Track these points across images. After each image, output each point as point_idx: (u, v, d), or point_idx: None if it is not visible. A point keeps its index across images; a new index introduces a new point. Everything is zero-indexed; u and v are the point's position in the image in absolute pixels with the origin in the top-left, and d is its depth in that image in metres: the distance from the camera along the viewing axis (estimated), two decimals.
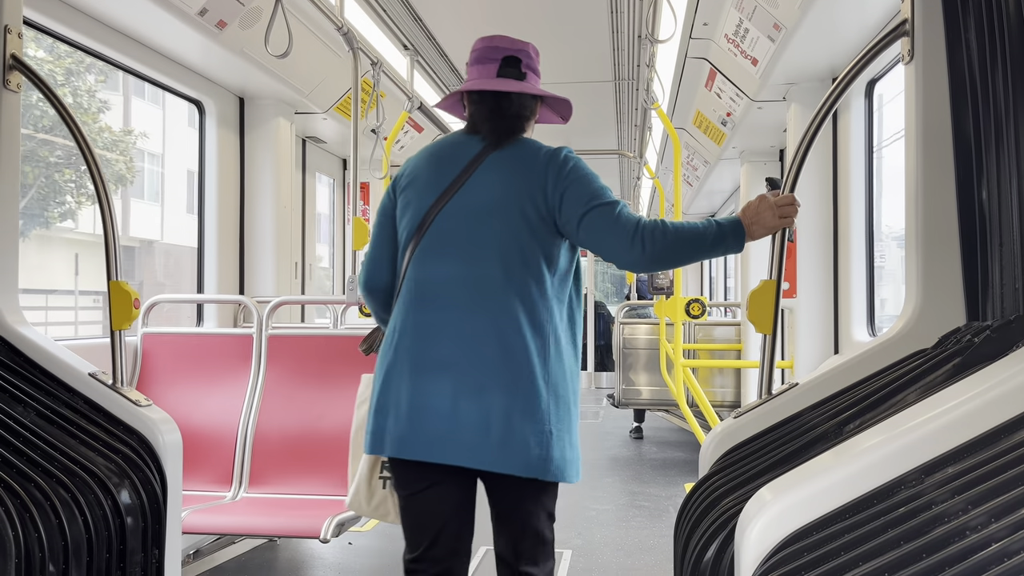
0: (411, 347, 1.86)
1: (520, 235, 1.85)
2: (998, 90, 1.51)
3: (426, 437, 1.81)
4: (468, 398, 1.80)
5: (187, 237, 5.45)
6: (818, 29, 3.35)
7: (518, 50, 1.99)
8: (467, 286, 1.84)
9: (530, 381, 1.81)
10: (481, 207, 1.86)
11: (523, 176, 1.87)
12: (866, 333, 3.92)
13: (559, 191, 1.85)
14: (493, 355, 1.81)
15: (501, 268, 1.84)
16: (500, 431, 1.78)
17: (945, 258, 1.76)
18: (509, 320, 1.82)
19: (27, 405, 1.93)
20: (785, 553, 1.17)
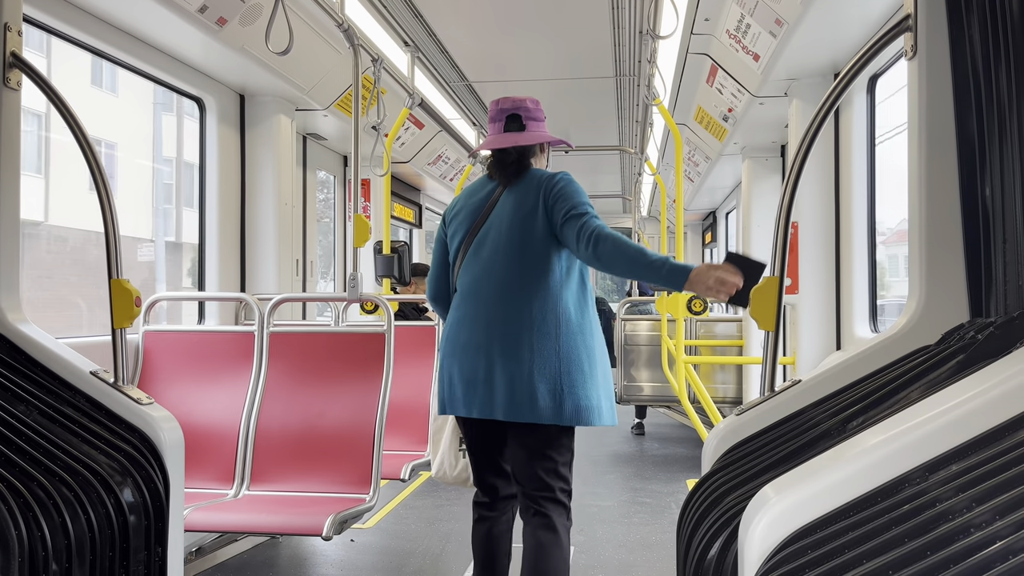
0: (459, 334, 2.47)
1: (531, 244, 2.41)
2: (1001, 86, 1.51)
3: (474, 399, 2.40)
4: (499, 369, 2.36)
5: (89, 219, 5.17)
6: (820, 24, 3.34)
7: (517, 107, 2.55)
8: (494, 286, 2.43)
9: (543, 353, 2.34)
10: (502, 227, 2.45)
11: (530, 201, 2.44)
12: (868, 329, 3.92)
13: (550, 204, 2.40)
14: (515, 335, 2.36)
15: (518, 270, 2.40)
16: (523, 392, 2.32)
17: (948, 254, 1.75)
18: (526, 308, 2.37)
19: (29, 404, 1.93)
20: (789, 551, 1.17)
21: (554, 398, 2.32)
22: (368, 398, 3.29)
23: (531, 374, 2.32)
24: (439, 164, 7.35)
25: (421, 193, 8.43)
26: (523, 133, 2.52)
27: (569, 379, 2.33)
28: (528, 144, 2.53)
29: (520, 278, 2.39)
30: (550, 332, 2.35)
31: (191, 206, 6.85)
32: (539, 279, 2.39)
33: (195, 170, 4.39)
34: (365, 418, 3.26)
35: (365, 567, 3.72)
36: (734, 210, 8.55)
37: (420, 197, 8.42)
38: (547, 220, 2.39)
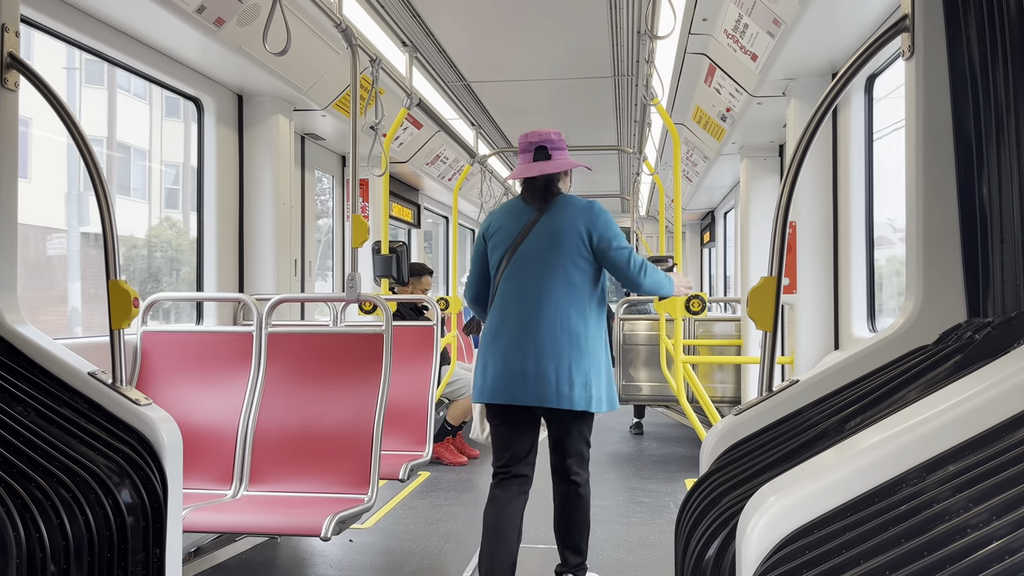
0: (502, 335, 2.93)
1: (567, 261, 2.90)
2: (999, 85, 1.51)
3: (511, 389, 2.88)
4: (543, 366, 2.83)
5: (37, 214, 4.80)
6: (818, 24, 3.34)
7: (543, 140, 3.01)
8: (536, 295, 2.89)
9: (573, 353, 2.85)
10: (543, 245, 2.92)
11: (569, 224, 2.92)
12: (866, 329, 3.92)
13: (595, 232, 2.93)
14: (551, 337, 2.85)
15: (557, 282, 2.88)
16: (555, 383, 2.82)
17: (946, 254, 1.75)
18: (565, 316, 2.87)
19: (27, 405, 1.93)
20: (786, 551, 1.17)
21: (585, 390, 2.86)
22: (367, 398, 3.29)
23: (570, 371, 2.84)
24: (437, 164, 7.35)
25: (419, 193, 8.42)
26: (550, 162, 2.98)
27: (596, 375, 2.89)
28: (554, 172, 2.99)
29: (559, 289, 2.88)
30: (581, 337, 2.87)
31: (126, 193, 6.50)
32: (574, 291, 2.89)
33: (131, 149, 4.24)
34: (364, 418, 3.25)
35: (364, 567, 3.72)
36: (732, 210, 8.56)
37: (418, 197, 8.42)
38: (586, 243, 2.91)
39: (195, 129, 4.37)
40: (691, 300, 4.34)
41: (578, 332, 2.86)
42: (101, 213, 2.15)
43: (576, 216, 2.92)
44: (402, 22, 4.62)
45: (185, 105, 4.35)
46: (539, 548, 3.96)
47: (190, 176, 4.55)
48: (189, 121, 4.42)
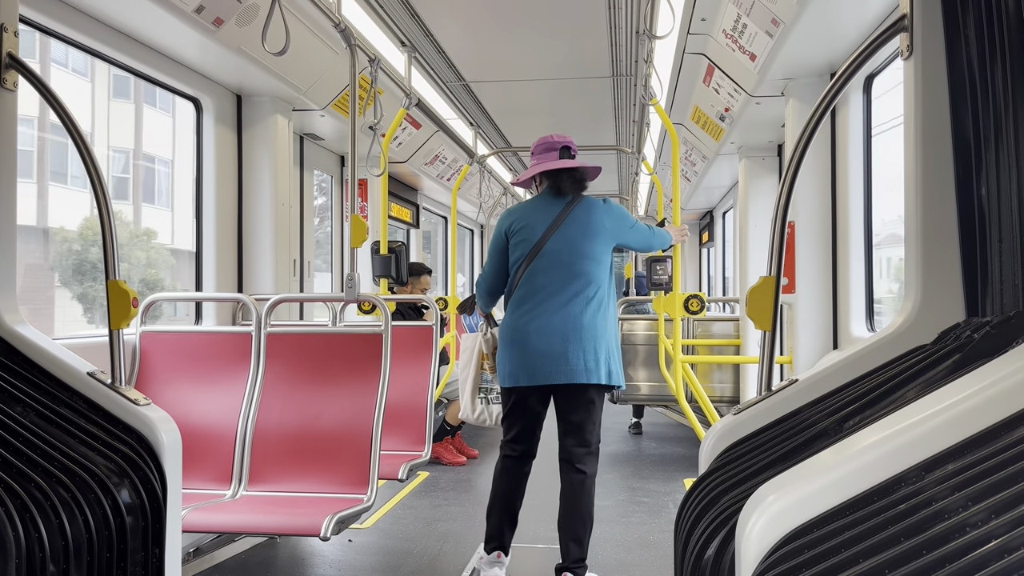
0: (532, 320, 3.19)
1: (595, 251, 3.21)
2: (997, 85, 1.51)
3: (543, 370, 3.16)
4: (573, 346, 3.14)
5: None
6: (816, 24, 3.34)
7: (567, 142, 3.32)
8: (565, 285, 3.19)
9: (598, 335, 3.17)
10: (574, 237, 3.20)
11: (598, 221, 3.23)
12: (865, 328, 3.93)
13: (616, 225, 3.28)
14: (576, 322, 3.15)
15: (583, 273, 3.19)
16: (583, 362, 3.14)
17: (944, 254, 1.75)
18: (593, 300, 3.19)
19: (26, 405, 1.93)
20: (786, 550, 1.17)
21: (607, 366, 3.19)
22: (366, 398, 3.29)
23: (596, 351, 3.15)
24: (436, 164, 7.35)
25: (418, 193, 8.43)
26: (579, 162, 3.31)
27: (616, 353, 3.25)
28: (587, 167, 3.33)
29: (585, 280, 3.18)
30: (604, 318, 3.21)
31: (62, 180, 6.18)
32: (599, 278, 3.21)
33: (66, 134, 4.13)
34: (363, 418, 3.25)
35: (363, 567, 3.72)
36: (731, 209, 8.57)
37: (417, 197, 8.42)
38: (609, 234, 3.24)
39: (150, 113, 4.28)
40: (690, 300, 4.34)
41: (601, 315, 3.20)
42: (100, 213, 2.15)
43: (601, 214, 3.24)
44: (401, 22, 4.63)
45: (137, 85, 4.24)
46: (538, 548, 3.96)
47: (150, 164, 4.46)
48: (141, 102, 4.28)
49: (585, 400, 3.23)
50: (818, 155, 4.11)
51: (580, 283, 3.18)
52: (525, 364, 3.19)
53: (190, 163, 4.23)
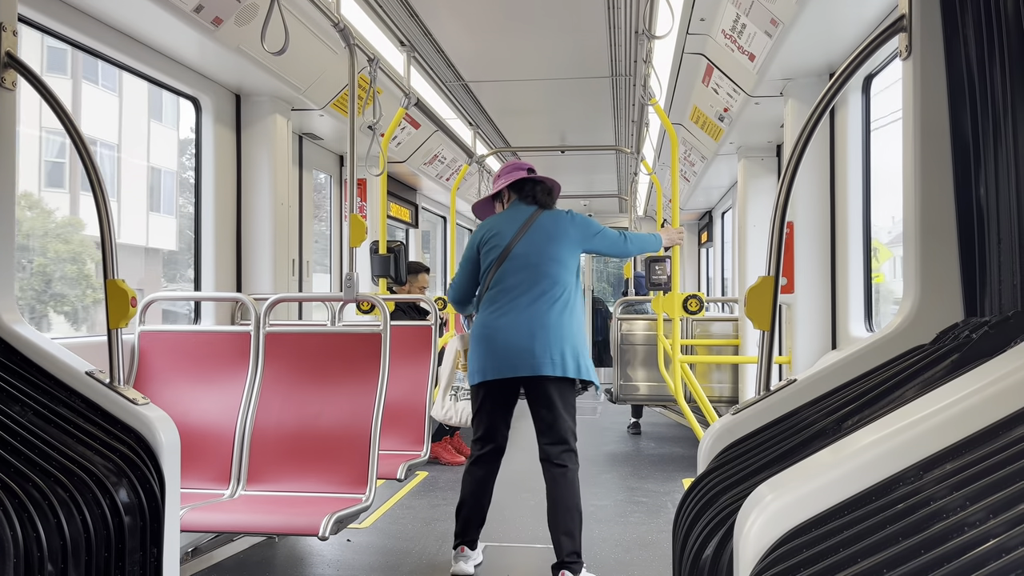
0: (500, 320, 3.35)
1: (560, 255, 3.38)
2: (996, 85, 1.51)
3: (511, 363, 3.29)
4: (540, 341, 3.27)
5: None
6: (815, 24, 3.35)
7: (531, 166, 3.60)
8: (532, 285, 3.35)
9: (564, 333, 3.30)
10: (541, 241, 3.39)
11: (561, 229, 3.42)
12: (863, 328, 3.93)
13: (579, 233, 3.44)
14: (542, 319, 3.30)
15: (549, 276, 3.35)
16: (549, 356, 3.26)
17: (943, 254, 1.76)
18: (559, 301, 3.34)
19: (24, 404, 1.93)
20: (784, 549, 1.17)
21: (576, 361, 3.31)
22: (364, 398, 3.29)
23: (562, 347, 3.28)
24: (435, 164, 7.35)
25: (417, 193, 8.42)
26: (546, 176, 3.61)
27: (583, 349, 3.36)
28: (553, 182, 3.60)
29: (554, 277, 3.35)
30: (570, 317, 3.34)
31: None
32: (564, 280, 3.37)
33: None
34: (361, 418, 3.25)
35: (362, 567, 3.72)
36: (730, 210, 8.57)
37: (416, 197, 8.42)
38: (574, 239, 3.41)
39: (91, 90, 4.12)
40: (689, 300, 4.34)
41: (568, 316, 3.34)
42: (99, 213, 2.15)
43: (566, 221, 3.44)
44: (400, 22, 4.62)
45: (75, 57, 4.03)
46: (536, 548, 3.96)
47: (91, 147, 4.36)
48: (79, 78, 4.07)
49: (553, 395, 3.32)
50: (817, 155, 4.11)
51: (546, 283, 3.34)
52: (492, 359, 3.32)
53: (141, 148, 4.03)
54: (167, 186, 5.20)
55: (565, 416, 3.35)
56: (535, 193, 3.50)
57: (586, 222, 3.50)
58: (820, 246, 4.16)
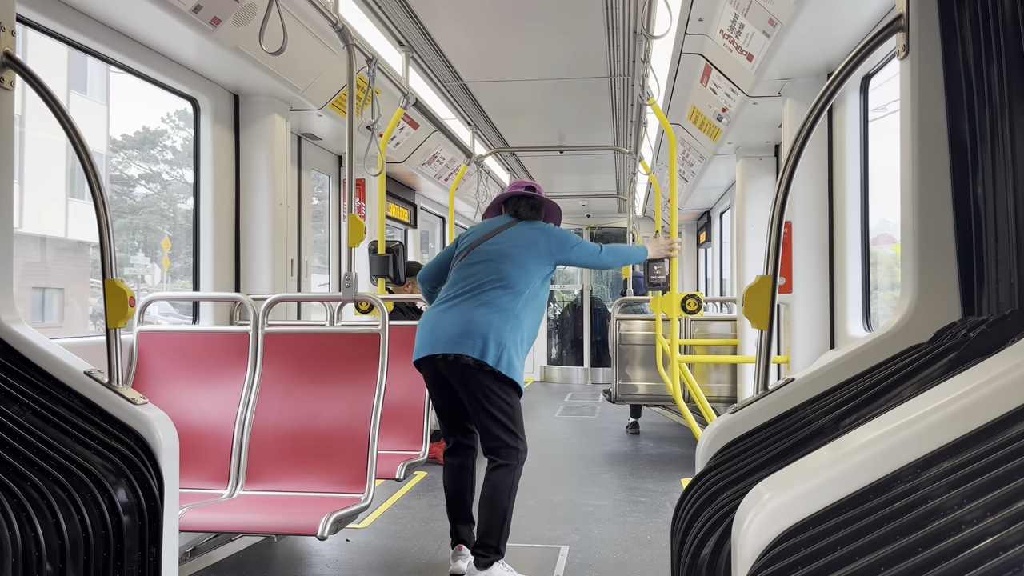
0: (446, 305, 3.40)
1: (523, 258, 3.43)
2: (993, 85, 1.51)
3: (439, 342, 3.30)
4: (463, 326, 3.27)
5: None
6: (813, 24, 3.35)
7: (530, 185, 3.69)
8: (482, 280, 3.38)
9: (499, 331, 3.28)
10: (506, 244, 3.48)
11: (532, 234, 3.51)
12: (861, 328, 3.93)
13: (554, 245, 3.49)
14: (484, 313, 3.31)
15: (503, 276, 3.40)
16: (475, 343, 3.25)
17: (941, 253, 1.76)
18: (493, 300, 3.35)
19: (23, 404, 1.93)
20: (782, 548, 1.18)
21: (504, 357, 3.27)
22: (363, 398, 3.29)
23: (496, 340, 3.26)
24: (434, 164, 7.35)
25: (416, 193, 8.42)
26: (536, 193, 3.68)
27: (516, 354, 3.32)
28: (544, 200, 3.68)
29: (507, 280, 3.38)
30: (515, 321, 3.34)
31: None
32: (519, 284, 3.40)
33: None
34: (360, 418, 3.26)
35: (360, 567, 3.71)
36: (728, 209, 8.57)
37: (415, 197, 8.42)
38: (543, 248, 3.46)
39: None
40: (687, 300, 4.35)
41: (513, 320, 3.34)
42: (97, 212, 2.15)
43: (539, 232, 3.51)
44: (399, 22, 4.62)
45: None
46: (536, 547, 3.97)
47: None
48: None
49: (481, 386, 3.28)
50: (815, 155, 4.12)
51: (496, 282, 3.37)
52: (422, 340, 3.36)
53: (52, 123, 3.90)
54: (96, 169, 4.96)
55: (489, 409, 3.30)
56: (518, 207, 3.61)
57: (563, 235, 3.54)
58: (818, 246, 4.17)
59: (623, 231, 12.46)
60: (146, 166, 4.41)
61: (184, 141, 4.48)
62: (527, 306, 3.42)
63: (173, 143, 4.49)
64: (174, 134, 4.42)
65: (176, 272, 4.64)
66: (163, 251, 4.42)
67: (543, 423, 8.12)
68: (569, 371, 12.66)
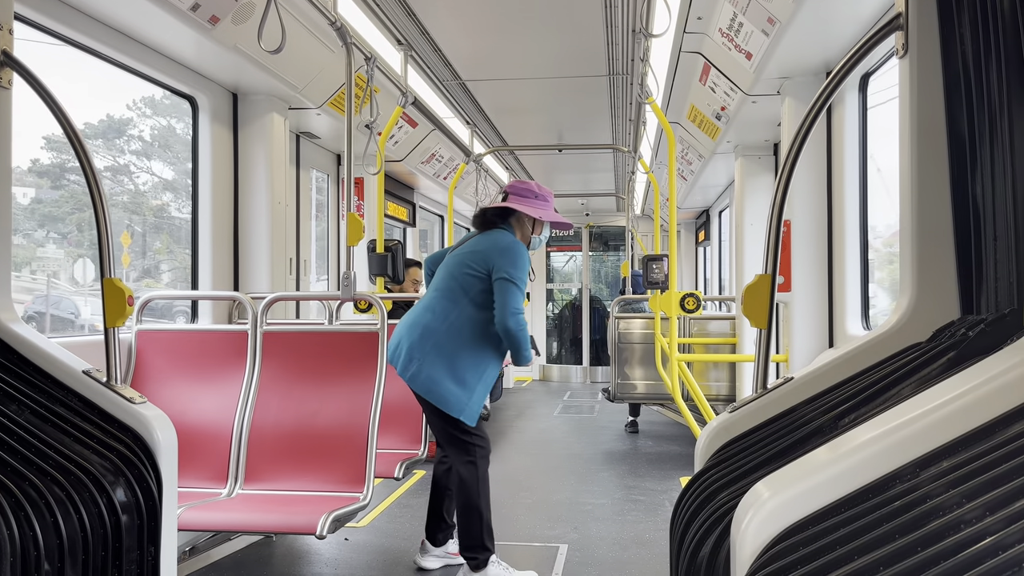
0: (408, 316, 3.45)
1: (458, 274, 3.37)
2: (992, 84, 1.51)
3: (392, 353, 3.39)
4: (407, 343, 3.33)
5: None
6: (812, 23, 3.35)
7: (508, 187, 3.59)
8: (437, 294, 3.40)
9: (424, 345, 3.30)
10: (458, 257, 3.44)
11: (477, 247, 3.41)
12: (860, 327, 3.93)
13: (493, 261, 3.33)
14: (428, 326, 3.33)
15: (448, 291, 3.38)
16: (407, 359, 3.31)
17: (939, 252, 1.76)
18: (444, 315, 3.34)
19: (21, 403, 1.92)
20: (781, 547, 1.17)
21: (420, 371, 3.27)
22: (362, 397, 3.29)
23: (423, 356, 3.28)
24: (433, 163, 7.35)
25: (415, 192, 8.42)
26: (503, 203, 3.52)
27: (451, 377, 3.28)
28: (496, 207, 3.54)
29: (451, 294, 3.36)
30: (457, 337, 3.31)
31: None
32: (456, 296, 3.35)
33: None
34: (359, 417, 3.25)
35: (359, 566, 3.71)
36: (727, 208, 8.57)
37: (414, 196, 8.42)
38: (483, 260, 3.33)
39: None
40: (686, 298, 4.35)
41: (455, 331, 3.31)
42: (95, 212, 2.15)
43: (488, 243, 3.40)
44: (397, 20, 4.62)
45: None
46: (535, 546, 3.97)
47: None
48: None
49: (421, 399, 3.36)
50: (814, 153, 4.12)
51: (443, 296, 3.37)
52: (392, 350, 3.43)
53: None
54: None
55: (435, 422, 3.36)
56: (484, 216, 3.56)
57: (506, 260, 3.31)
58: (817, 244, 4.17)
59: (622, 229, 12.47)
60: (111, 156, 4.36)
61: (151, 130, 4.44)
62: (465, 323, 3.32)
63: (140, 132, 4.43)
64: (140, 122, 4.36)
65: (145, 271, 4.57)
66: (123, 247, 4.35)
67: (542, 422, 8.12)
68: (568, 370, 12.67)
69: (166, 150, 4.69)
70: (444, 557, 3.66)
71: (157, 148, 4.62)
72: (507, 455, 6.35)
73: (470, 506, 3.32)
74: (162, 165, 4.76)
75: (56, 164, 3.79)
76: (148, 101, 4.42)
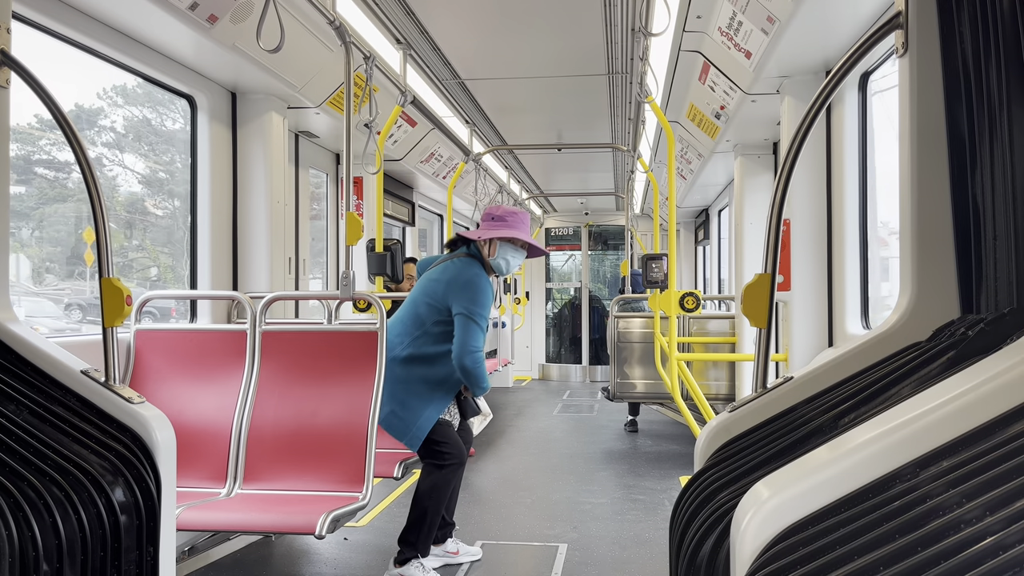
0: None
1: (423, 306, 3.48)
2: (991, 82, 1.51)
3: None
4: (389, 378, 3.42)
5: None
6: (811, 22, 3.35)
7: (484, 214, 3.66)
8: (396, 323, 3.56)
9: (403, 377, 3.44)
10: (419, 288, 3.57)
11: (444, 279, 3.45)
12: (860, 326, 3.93)
13: (451, 296, 3.40)
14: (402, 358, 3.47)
15: (409, 323, 3.50)
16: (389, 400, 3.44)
17: (939, 251, 1.75)
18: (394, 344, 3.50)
19: (19, 403, 1.92)
20: (781, 547, 1.17)
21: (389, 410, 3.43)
22: (361, 396, 3.28)
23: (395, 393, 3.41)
24: (432, 162, 7.34)
25: (414, 191, 8.41)
26: (474, 232, 3.61)
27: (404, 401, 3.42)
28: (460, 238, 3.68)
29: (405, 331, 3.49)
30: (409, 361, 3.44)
31: None
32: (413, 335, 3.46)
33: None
34: (358, 416, 3.25)
35: (358, 565, 3.71)
36: (727, 207, 8.57)
37: (413, 195, 8.41)
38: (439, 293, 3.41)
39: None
40: (685, 297, 4.34)
41: (400, 360, 3.45)
42: (94, 211, 2.14)
43: (452, 279, 3.44)
44: (396, 19, 4.61)
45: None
46: (534, 546, 3.96)
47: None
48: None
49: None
50: (813, 152, 4.11)
51: (408, 321, 3.50)
52: None
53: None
54: None
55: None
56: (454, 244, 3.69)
57: (465, 296, 3.38)
58: (817, 243, 4.17)
59: (621, 228, 12.46)
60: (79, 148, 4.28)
61: (124, 120, 4.40)
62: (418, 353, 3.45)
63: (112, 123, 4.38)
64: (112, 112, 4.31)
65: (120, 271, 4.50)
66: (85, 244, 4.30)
67: (541, 421, 8.12)
68: (567, 369, 12.67)
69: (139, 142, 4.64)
70: (443, 556, 3.66)
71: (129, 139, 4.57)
72: (506, 454, 6.35)
73: (424, 508, 3.46)
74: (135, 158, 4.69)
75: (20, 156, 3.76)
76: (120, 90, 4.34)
